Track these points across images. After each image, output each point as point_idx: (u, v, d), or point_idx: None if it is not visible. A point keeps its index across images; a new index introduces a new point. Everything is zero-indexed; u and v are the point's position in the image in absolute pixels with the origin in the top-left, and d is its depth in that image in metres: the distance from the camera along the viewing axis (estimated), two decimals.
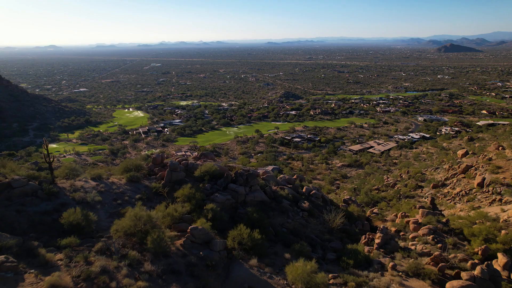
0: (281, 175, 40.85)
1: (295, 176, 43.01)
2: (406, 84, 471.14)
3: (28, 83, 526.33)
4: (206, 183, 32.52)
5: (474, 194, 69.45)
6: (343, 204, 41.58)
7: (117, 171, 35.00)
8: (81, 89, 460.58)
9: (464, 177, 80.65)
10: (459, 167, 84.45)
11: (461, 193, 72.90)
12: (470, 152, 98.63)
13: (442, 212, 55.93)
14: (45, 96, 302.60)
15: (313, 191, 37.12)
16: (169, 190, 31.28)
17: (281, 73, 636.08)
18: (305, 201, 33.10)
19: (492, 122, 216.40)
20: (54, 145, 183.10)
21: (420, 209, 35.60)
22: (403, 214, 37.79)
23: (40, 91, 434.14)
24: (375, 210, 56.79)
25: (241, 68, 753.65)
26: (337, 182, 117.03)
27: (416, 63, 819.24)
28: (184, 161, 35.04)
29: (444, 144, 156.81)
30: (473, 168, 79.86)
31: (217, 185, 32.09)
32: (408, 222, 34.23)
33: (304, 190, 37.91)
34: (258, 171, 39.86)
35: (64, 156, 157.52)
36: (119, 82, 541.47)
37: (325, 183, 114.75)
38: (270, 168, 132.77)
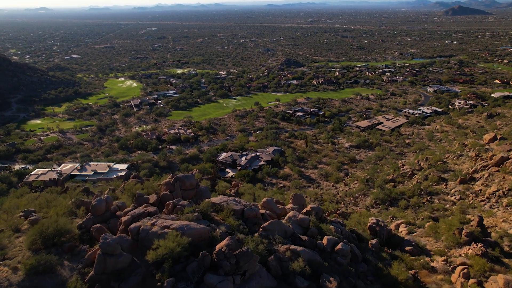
0: (291, 212, 29.05)
1: (309, 207, 31.31)
2: (413, 50, 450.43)
3: (18, 48, 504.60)
4: (166, 276, 19.23)
5: None
6: (373, 242, 30.54)
7: (28, 236, 21.48)
8: (73, 56, 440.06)
9: (497, 171, 69.29)
10: (490, 158, 72.84)
11: (497, 193, 61.76)
12: (499, 137, 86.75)
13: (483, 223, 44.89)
14: (30, 65, 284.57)
15: (339, 246, 24.95)
16: None
17: (281, 38, 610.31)
18: (332, 278, 21.40)
19: (508, 93, 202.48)
20: (38, 121, 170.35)
21: (502, 276, 24.50)
22: (464, 271, 26.75)
23: (30, 57, 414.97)
24: (402, 228, 45.80)
25: (240, 33, 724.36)
26: (345, 167, 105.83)
27: (422, 27, 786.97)
28: (134, 225, 21.34)
29: (460, 121, 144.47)
30: (510, 160, 68.18)
31: (186, 274, 19.23)
32: None
33: (325, 242, 26.00)
34: (257, 205, 28.57)
35: (47, 135, 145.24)
36: (113, 48, 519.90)
37: (333, 169, 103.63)
38: (271, 149, 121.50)
